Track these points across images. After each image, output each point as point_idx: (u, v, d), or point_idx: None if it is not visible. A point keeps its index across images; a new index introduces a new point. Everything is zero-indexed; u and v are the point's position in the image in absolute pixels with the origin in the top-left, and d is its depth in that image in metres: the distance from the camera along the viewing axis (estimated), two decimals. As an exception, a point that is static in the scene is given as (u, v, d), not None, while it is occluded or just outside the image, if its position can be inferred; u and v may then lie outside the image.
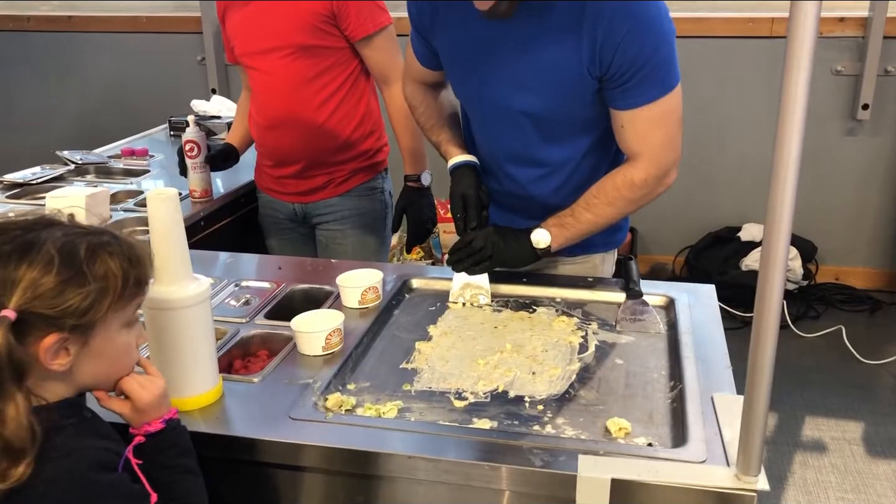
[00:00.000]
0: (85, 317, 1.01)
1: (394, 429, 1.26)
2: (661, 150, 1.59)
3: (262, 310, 1.67)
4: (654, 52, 1.49)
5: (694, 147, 3.79)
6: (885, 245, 3.85)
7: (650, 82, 1.51)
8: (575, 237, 1.67)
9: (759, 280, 1.01)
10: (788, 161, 0.95)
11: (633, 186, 1.60)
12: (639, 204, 1.64)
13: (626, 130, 1.58)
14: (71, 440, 1.02)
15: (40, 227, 1.03)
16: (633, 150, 1.60)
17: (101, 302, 1.02)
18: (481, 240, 1.65)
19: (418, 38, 1.74)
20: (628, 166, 1.62)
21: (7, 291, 0.97)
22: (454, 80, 1.75)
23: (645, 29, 1.47)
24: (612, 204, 1.63)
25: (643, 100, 1.53)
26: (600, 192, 1.63)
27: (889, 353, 3.25)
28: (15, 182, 2.53)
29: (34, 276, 0.98)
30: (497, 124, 1.69)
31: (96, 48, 4.45)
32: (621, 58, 1.48)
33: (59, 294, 0.99)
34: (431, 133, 1.85)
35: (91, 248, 1.03)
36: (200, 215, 2.31)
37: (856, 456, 2.68)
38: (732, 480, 1.10)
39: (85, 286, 1.00)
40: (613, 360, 1.47)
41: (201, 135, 2.34)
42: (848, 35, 3.59)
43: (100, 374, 1.09)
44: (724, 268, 3.73)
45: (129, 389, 1.12)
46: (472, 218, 1.69)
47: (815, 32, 0.90)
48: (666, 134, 1.58)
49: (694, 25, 3.68)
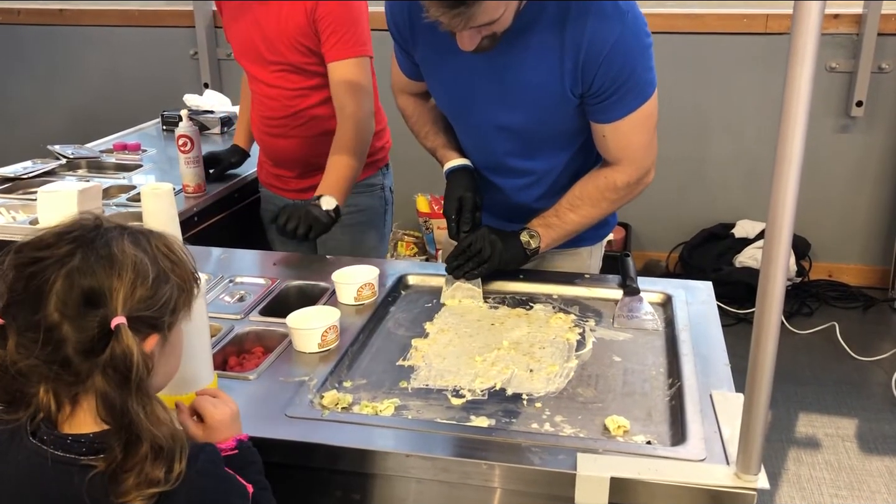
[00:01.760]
0: (175, 314, 1.01)
1: (391, 426, 1.25)
2: (641, 153, 1.62)
3: (257, 306, 1.65)
4: (633, 69, 1.51)
5: (688, 143, 3.79)
6: (879, 242, 3.85)
7: (631, 95, 1.53)
8: (561, 237, 1.70)
9: (761, 279, 1.00)
10: (791, 158, 0.94)
11: (616, 188, 1.64)
12: (621, 204, 1.69)
13: (607, 140, 1.60)
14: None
15: (93, 231, 0.98)
16: (615, 156, 1.62)
17: (182, 297, 1.02)
18: (480, 242, 1.64)
19: (400, 50, 1.74)
20: (609, 170, 1.64)
21: (108, 301, 0.94)
22: (436, 95, 1.76)
23: (625, 48, 1.48)
24: (596, 205, 1.66)
25: (624, 112, 1.55)
26: (583, 193, 1.66)
27: (882, 349, 3.26)
28: (6, 176, 2.50)
29: (129, 280, 0.95)
30: (480, 137, 1.70)
31: (88, 42, 4.42)
32: (603, 77, 1.49)
33: (154, 294, 0.97)
34: (427, 140, 1.84)
35: (154, 245, 1.01)
36: (194, 210, 2.30)
37: (849, 452, 2.68)
38: (732, 479, 1.10)
39: (169, 282, 0.99)
40: (611, 357, 1.47)
41: (194, 129, 2.32)
42: (842, 32, 3.59)
43: (170, 373, 1.08)
44: (718, 264, 3.73)
45: (201, 407, 1.14)
46: (465, 221, 1.68)
47: (819, 28, 0.89)
48: (646, 137, 1.61)
49: (688, 21, 3.66)
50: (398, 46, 1.74)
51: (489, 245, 1.63)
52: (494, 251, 1.63)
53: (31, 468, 0.96)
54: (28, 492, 0.97)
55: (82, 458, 0.94)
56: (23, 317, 0.94)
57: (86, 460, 0.94)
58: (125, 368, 0.92)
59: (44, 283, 0.93)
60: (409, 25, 1.64)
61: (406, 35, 1.66)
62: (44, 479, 0.95)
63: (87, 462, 0.93)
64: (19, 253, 0.95)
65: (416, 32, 1.64)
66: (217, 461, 1.03)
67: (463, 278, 1.66)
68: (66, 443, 0.95)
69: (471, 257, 1.64)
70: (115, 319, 0.93)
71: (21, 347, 0.94)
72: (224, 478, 1.03)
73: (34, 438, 0.97)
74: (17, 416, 0.97)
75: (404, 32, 1.66)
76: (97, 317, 0.93)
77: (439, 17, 1.35)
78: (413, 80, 1.79)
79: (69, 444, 0.95)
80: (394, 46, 1.77)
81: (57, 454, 0.95)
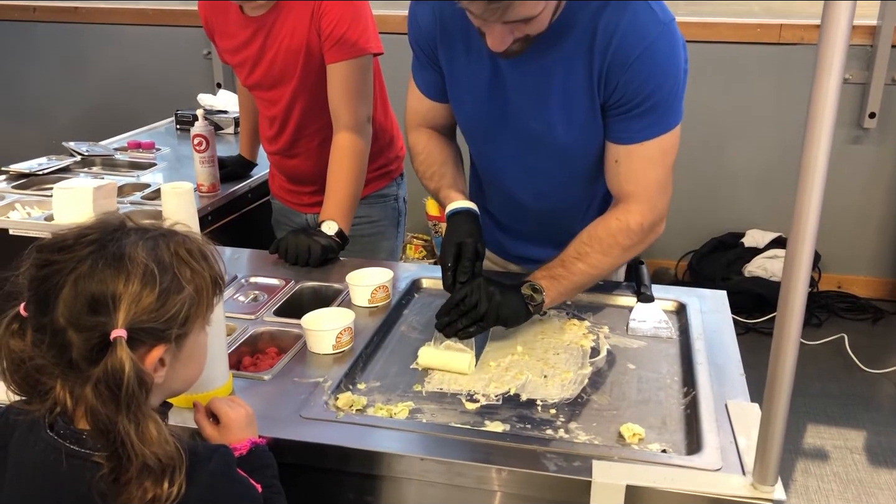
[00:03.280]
0: (186, 325, 0.98)
1: (406, 430, 1.25)
2: (656, 192, 1.51)
3: (272, 307, 1.66)
4: (660, 85, 1.41)
5: (699, 152, 3.78)
6: (889, 254, 3.84)
7: (652, 117, 1.43)
8: (567, 291, 1.54)
9: (782, 289, 1.00)
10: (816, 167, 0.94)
11: (629, 232, 1.50)
12: (632, 253, 1.55)
13: (620, 166, 1.49)
14: (197, 446, 1.02)
15: (111, 234, 0.97)
16: (626, 189, 1.51)
17: (198, 307, 0.99)
18: (476, 294, 1.42)
19: (425, 65, 1.62)
20: (621, 211, 1.51)
21: (111, 310, 0.92)
22: (461, 111, 1.63)
23: (657, 58, 1.40)
24: (607, 252, 1.51)
25: (642, 136, 1.45)
26: (592, 239, 1.51)
27: (891, 362, 3.25)
28: (21, 172, 2.51)
29: (135, 289, 0.93)
30: (510, 151, 1.61)
31: (102, 39, 4.43)
32: (627, 84, 1.40)
33: (162, 305, 0.94)
34: (431, 180, 1.69)
35: (174, 251, 0.98)
36: (208, 210, 2.30)
37: (857, 465, 2.68)
38: (749, 489, 1.10)
39: (181, 292, 0.96)
40: (625, 364, 1.46)
41: (210, 129, 2.33)
42: (856, 43, 3.59)
43: (191, 378, 1.07)
44: (727, 273, 3.73)
45: (217, 407, 1.15)
46: (463, 270, 1.49)
47: (848, 36, 0.89)
48: (662, 174, 1.50)
49: (701, 30, 3.67)
50: (421, 62, 1.63)
51: (486, 298, 1.42)
52: (491, 305, 1.42)
53: (46, 460, 0.96)
54: (44, 483, 0.98)
55: (95, 453, 0.94)
56: (35, 317, 0.95)
57: (97, 457, 0.94)
58: (115, 384, 0.91)
59: (53, 288, 0.93)
60: (439, 28, 1.54)
61: (433, 40, 1.56)
62: (58, 472, 0.95)
63: (98, 459, 0.94)
64: (40, 252, 0.96)
65: (445, 36, 1.54)
66: (230, 462, 1.03)
67: (454, 337, 1.44)
68: (81, 438, 0.96)
69: (464, 312, 1.43)
70: (115, 332, 0.91)
71: (34, 345, 0.95)
72: (236, 479, 1.03)
73: (51, 431, 0.97)
74: (36, 407, 0.97)
75: (431, 38, 1.56)
76: (99, 324, 0.92)
77: (472, 8, 1.27)
78: (434, 102, 1.66)
79: (83, 440, 0.96)
80: (413, 69, 1.67)
81: (72, 448, 0.95)
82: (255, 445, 1.15)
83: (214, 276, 1.03)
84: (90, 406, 0.92)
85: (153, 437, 0.93)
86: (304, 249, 1.84)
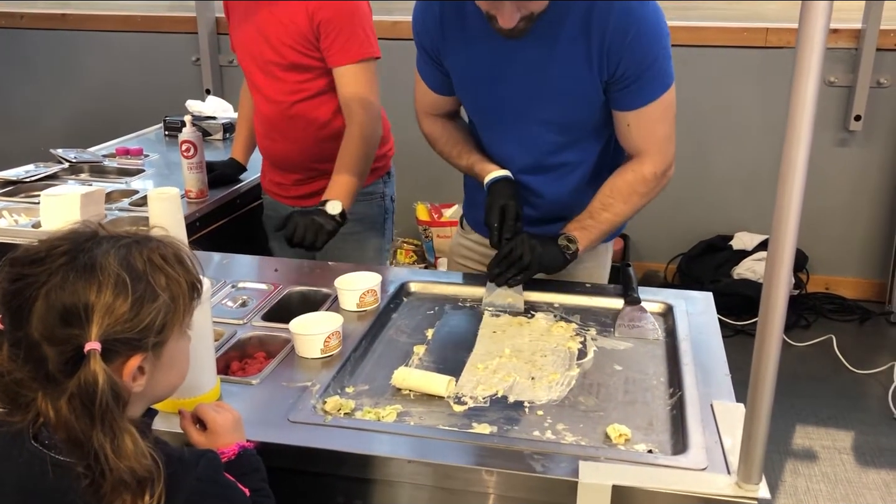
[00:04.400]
0: (162, 333, 0.97)
1: (394, 433, 1.26)
2: (665, 144, 1.67)
3: (260, 312, 1.66)
4: (655, 54, 1.56)
5: (687, 155, 3.76)
6: (876, 256, 3.87)
7: (656, 81, 1.58)
8: (597, 238, 1.72)
9: (764, 289, 1.01)
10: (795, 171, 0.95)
11: (645, 181, 1.67)
12: (649, 198, 1.71)
13: (632, 129, 1.64)
14: (183, 452, 1.03)
15: (83, 244, 0.95)
16: (640, 147, 1.66)
17: (175, 314, 0.98)
18: (520, 248, 1.64)
19: (428, 62, 1.75)
20: (636, 163, 1.68)
21: (84, 321, 0.91)
22: (467, 99, 1.77)
23: (649, 31, 1.54)
24: (627, 201, 1.69)
25: (647, 99, 1.59)
26: (614, 191, 1.69)
27: (879, 362, 3.27)
28: (8, 179, 2.51)
29: (107, 300, 0.91)
30: (518, 136, 1.71)
31: (90, 46, 4.43)
32: (629, 60, 1.54)
33: (136, 314, 0.93)
34: (460, 159, 1.83)
35: (147, 258, 0.97)
36: (196, 215, 2.30)
37: (846, 465, 2.69)
38: (733, 489, 1.11)
39: (156, 300, 0.95)
40: (612, 366, 1.47)
41: (198, 135, 2.33)
42: (841, 46, 3.62)
43: (174, 383, 1.07)
44: (716, 276, 3.75)
45: (203, 413, 1.16)
46: (507, 228, 1.67)
47: (824, 43, 0.91)
48: (668, 128, 1.66)
49: (688, 34, 3.69)
50: (424, 59, 1.75)
51: (529, 250, 1.63)
52: (534, 256, 1.63)
53: (31, 471, 0.96)
54: (29, 494, 0.97)
55: (79, 463, 0.94)
56: (10, 331, 0.94)
57: (81, 467, 0.93)
58: (88, 399, 0.90)
59: (26, 302, 0.92)
60: (441, 26, 1.65)
61: (437, 38, 1.68)
62: (44, 482, 0.95)
63: (82, 470, 0.93)
64: (12, 266, 0.95)
65: (447, 33, 1.66)
66: (217, 467, 1.03)
67: (505, 285, 1.66)
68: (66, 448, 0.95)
69: (512, 263, 1.64)
70: (88, 345, 0.90)
71: (10, 359, 0.94)
72: (223, 484, 1.03)
73: (35, 442, 0.97)
74: (19, 419, 0.97)
75: (435, 36, 1.68)
76: (72, 337, 0.91)
77: None
78: (441, 96, 1.80)
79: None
80: (417, 65, 1.78)
81: (57, 458, 0.95)
82: (244, 449, 1.15)
83: (191, 282, 1.02)
84: (64, 419, 0.91)
85: (129, 450, 0.91)
86: (313, 231, 1.94)
